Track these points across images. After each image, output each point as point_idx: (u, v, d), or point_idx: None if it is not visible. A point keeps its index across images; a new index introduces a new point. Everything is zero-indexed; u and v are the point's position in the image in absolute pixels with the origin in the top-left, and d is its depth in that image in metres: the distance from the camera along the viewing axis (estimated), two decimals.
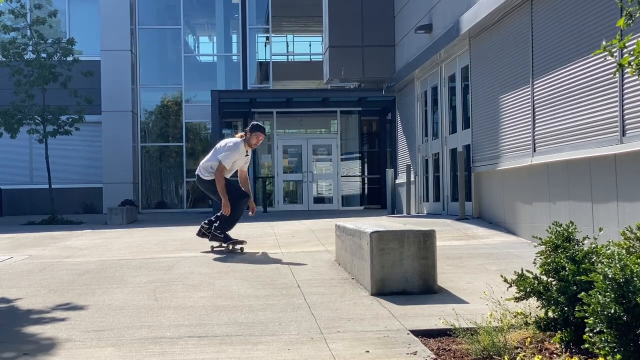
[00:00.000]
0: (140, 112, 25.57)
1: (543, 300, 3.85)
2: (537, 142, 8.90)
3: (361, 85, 21.47)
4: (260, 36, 27.16)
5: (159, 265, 7.90)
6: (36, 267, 8.06)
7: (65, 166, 23.63)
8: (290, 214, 18.18)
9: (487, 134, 10.81)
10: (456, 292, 5.72)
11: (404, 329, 4.50)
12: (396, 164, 17.78)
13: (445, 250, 7.90)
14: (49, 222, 17.86)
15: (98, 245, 10.42)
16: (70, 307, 5.68)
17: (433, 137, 14.28)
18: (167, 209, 25.22)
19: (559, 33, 8.25)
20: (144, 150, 25.66)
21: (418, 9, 14.50)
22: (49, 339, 4.62)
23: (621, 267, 3.14)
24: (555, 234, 3.99)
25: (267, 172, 24.52)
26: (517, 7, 9.51)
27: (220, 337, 4.49)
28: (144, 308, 5.54)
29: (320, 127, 25.69)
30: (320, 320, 4.87)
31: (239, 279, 6.77)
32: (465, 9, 11.22)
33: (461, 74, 12.44)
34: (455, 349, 3.97)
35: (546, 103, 8.62)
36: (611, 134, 7.05)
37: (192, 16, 26.71)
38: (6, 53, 19.15)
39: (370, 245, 5.78)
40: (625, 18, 3.42)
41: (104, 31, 24.33)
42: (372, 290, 5.73)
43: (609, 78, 7.02)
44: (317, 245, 9.25)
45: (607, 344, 3.11)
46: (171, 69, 25.72)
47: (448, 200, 13.11)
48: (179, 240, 10.63)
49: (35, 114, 19.12)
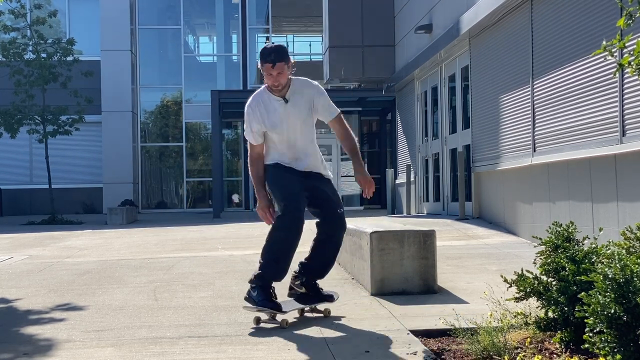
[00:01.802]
0: (140, 112, 25.57)
1: (543, 300, 3.84)
2: (537, 142, 8.90)
3: (361, 85, 21.48)
4: (260, 36, 27.16)
5: (159, 265, 7.90)
6: (36, 267, 8.06)
7: (65, 166, 23.62)
8: None
9: (487, 134, 10.81)
10: (456, 292, 5.72)
11: (404, 329, 4.50)
12: (396, 164, 17.78)
13: (445, 250, 7.89)
14: (49, 222, 17.86)
15: (98, 245, 10.42)
16: (70, 307, 5.68)
17: (433, 137, 14.27)
18: (167, 209, 25.22)
19: (559, 33, 8.24)
20: (144, 150, 25.66)
21: (418, 9, 14.50)
22: (49, 339, 4.61)
23: (621, 267, 3.14)
24: (555, 234, 3.99)
25: None
26: (517, 7, 9.50)
27: (220, 337, 4.49)
28: (144, 308, 5.54)
29: (320, 127, 25.66)
30: (320, 320, 4.86)
31: (239, 279, 6.76)
32: (465, 9, 11.22)
33: (461, 74, 12.44)
34: (455, 349, 3.97)
35: (546, 103, 8.62)
36: (611, 134, 7.05)
37: (192, 16, 26.71)
38: (6, 53, 19.16)
39: (370, 245, 5.78)
40: (625, 18, 3.42)
41: (104, 31, 24.33)
42: (372, 290, 5.73)
43: (609, 78, 7.02)
44: None
45: (607, 344, 3.11)
46: (171, 69, 25.73)
47: (448, 200, 13.11)
48: (179, 240, 10.64)
49: (35, 114, 19.13)
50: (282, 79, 4.82)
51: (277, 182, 4.88)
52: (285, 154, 4.96)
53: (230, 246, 9.79)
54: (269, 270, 4.78)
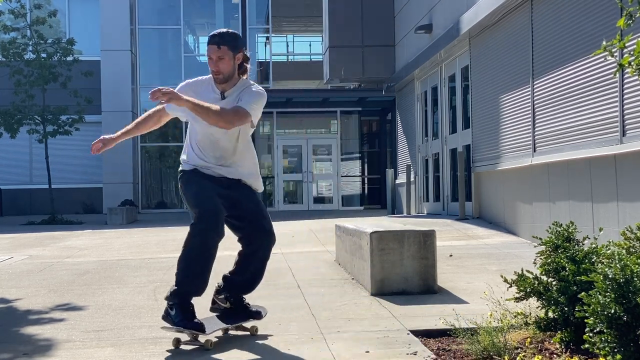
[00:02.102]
0: (140, 112, 25.55)
1: (543, 300, 3.84)
2: (537, 142, 8.90)
3: (361, 85, 21.47)
4: (260, 36, 27.15)
5: (159, 265, 7.90)
6: (36, 267, 8.06)
7: (65, 166, 23.60)
8: (290, 214, 18.18)
9: (487, 134, 10.81)
10: (456, 292, 5.72)
11: (404, 329, 4.50)
12: (396, 164, 17.78)
13: (445, 250, 7.89)
14: (49, 222, 17.86)
15: (98, 245, 10.41)
16: (70, 307, 5.67)
17: (433, 137, 14.27)
18: (167, 209, 25.20)
19: (559, 33, 8.24)
20: (144, 150, 25.65)
21: (418, 9, 14.49)
22: (49, 339, 4.61)
23: (621, 267, 3.14)
24: (556, 234, 3.99)
25: (267, 172, 24.51)
26: (517, 7, 9.50)
27: (220, 337, 4.48)
28: (144, 308, 5.54)
29: (320, 127, 25.67)
30: (320, 320, 4.86)
31: None
32: (465, 9, 11.22)
33: (461, 74, 12.44)
34: (455, 349, 3.97)
35: (546, 103, 8.61)
36: (611, 134, 7.05)
37: (192, 16, 26.70)
38: (6, 53, 19.15)
39: (370, 245, 5.78)
40: (625, 18, 3.42)
41: (104, 31, 24.32)
42: (372, 290, 5.73)
43: (609, 78, 7.02)
44: (317, 245, 9.25)
45: (607, 344, 3.10)
46: (171, 69, 25.71)
47: (448, 200, 13.11)
48: (179, 241, 10.60)
49: (35, 114, 19.12)
50: (222, 66, 4.34)
51: (191, 189, 4.40)
52: (207, 153, 4.44)
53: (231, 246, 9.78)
54: (186, 283, 4.25)
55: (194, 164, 4.46)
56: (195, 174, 4.44)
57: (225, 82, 4.41)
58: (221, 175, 4.44)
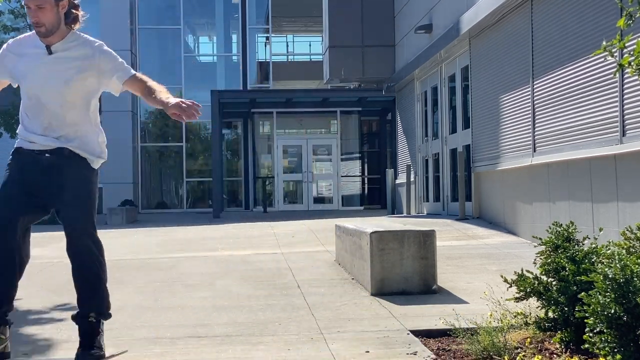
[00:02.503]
0: (140, 112, 25.56)
1: (543, 300, 3.84)
2: (537, 142, 8.90)
3: (361, 85, 21.47)
4: (260, 36, 27.17)
5: (159, 265, 7.90)
6: (36, 267, 8.05)
7: None
8: (290, 214, 18.18)
9: (487, 134, 10.81)
10: (456, 292, 5.72)
11: (404, 329, 4.50)
12: (396, 164, 17.78)
13: (445, 250, 7.89)
14: (49, 222, 17.80)
15: None
16: (70, 307, 5.67)
17: (433, 137, 14.27)
18: (167, 209, 25.22)
19: (559, 33, 8.24)
20: (144, 150, 25.66)
21: (418, 9, 14.49)
22: (48, 339, 4.61)
23: (621, 267, 3.14)
24: (555, 234, 3.99)
25: (267, 172, 24.52)
26: (517, 7, 9.50)
27: (220, 337, 4.48)
28: (144, 308, 5.54)
29: (320, 127, 25.68)
30: (320, 320, 4.86)
31: (239, 279, 6.76)
32: (465, 9, 11.22)
33: (461, 74, 12.44)
34: (455, 349, 3.97)
35: (546, 103, 8.62)
36: (611, 134, 7.05)
37: (192, 16, 26.71)
38: None
39: (370, 245, 5.78)
40: (625, 18, 3.42)
41: (104, 31, 24.29)
42: (372, 290, 5.73)
43: (609, 78, 7.02)
44: (317, 245, 9.24)
45: (607, 344, 3.10)
46: (171, 69, 25.72)
47: (448, 200, 13.11)
48: (179, 241, 10.63)
49: None
50: (43, 16, 3.71)
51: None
52: (35, 120, 3.84)
53: (230, 246, 9.78)
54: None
55: (20, 139, 3.87)
56: (14, 161, 3.85)
57: (51, 35, 3.79)
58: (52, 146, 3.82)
